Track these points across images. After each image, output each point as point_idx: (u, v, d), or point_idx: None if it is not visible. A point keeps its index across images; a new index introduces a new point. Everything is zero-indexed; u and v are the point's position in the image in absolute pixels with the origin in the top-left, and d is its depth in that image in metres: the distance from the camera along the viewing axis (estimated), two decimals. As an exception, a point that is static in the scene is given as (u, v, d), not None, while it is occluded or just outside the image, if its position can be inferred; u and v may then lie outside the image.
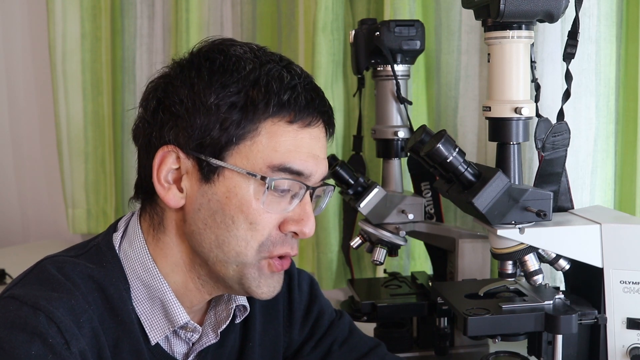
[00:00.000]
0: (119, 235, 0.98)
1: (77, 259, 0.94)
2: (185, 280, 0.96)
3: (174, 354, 0.98)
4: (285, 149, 0.91)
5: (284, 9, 1.94)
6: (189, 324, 0.96)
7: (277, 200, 0.92)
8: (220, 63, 0.91)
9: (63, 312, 0.85)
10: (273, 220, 0.92)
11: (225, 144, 0.90)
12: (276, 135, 0.91)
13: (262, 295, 0.95)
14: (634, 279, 1.09)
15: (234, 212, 0.90)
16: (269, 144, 0.90)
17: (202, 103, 0.90)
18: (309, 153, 0.93)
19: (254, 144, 0.90)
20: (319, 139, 0.95)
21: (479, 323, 1.09)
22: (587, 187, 1.39)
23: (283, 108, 0.90)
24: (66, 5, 2.30)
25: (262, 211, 0.91)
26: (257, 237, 0.92)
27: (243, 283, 0.94)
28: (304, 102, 0.92)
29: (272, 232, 0.92)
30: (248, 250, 0.92)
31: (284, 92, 0.90)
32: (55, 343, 0.82)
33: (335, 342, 1.15)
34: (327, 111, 0.97)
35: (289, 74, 0.92)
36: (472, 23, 1.53)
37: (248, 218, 0.91)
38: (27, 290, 0.87)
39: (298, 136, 0.92)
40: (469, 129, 1.57)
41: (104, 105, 2.35)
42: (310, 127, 0.93)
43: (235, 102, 0.90)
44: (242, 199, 0.90)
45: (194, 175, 0.92)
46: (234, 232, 0.91)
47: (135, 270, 0.94)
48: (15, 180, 2.74)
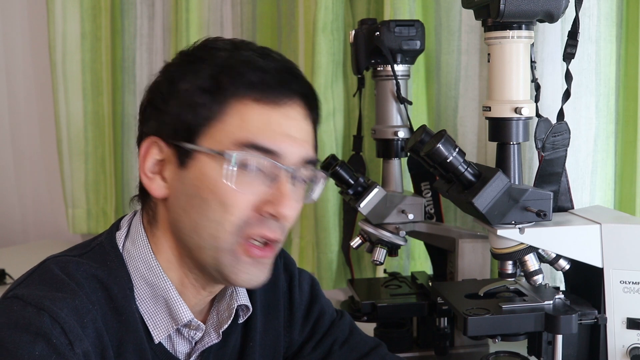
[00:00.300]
0: (122, 234, 0.98)
1: (81, 258, 0.94)
2: (180, 276, 0.96)
3: (177, 353, 0.98)
4: (254, 127, 0.90)
5: (284, 9, 1.94)
6: (192, 322, 0.96)
7: (249, 180, 0.90)
8: (197, 55, 0.94)
9: (67, 312, 0.85)
10: (246, 202, 0.90)
11: (196, 127, 0.91)
12: (245, 115, 0.90)
13: (242, 283, 0.93)
14: (634, 279, 1.09)
15: (206, 194, 0.90)
16: (238, 124, 0.90)
17: (176, 90, 0.92)
18: (281, 132, 0.91)
19: (224, 125, 0.90)
20: (295, 120, 0.93)
21: (479, 323, 1.09)
22: (587, 187, 1.39)
23: (251, 88, 0.90)
24: (66, 5, 2.30)
25: (232, 191, 0.89)
26: (230, 219, 0.90)
27: (220, 270, 0.92)
28: (274, 81, 0.91)
29: (246, 214, 0.90)
30: (222, 233, 0.90)
31: (252, 73, 0.91)
32: (59, 343, 0.82)
33: (336, 342, 1.15)
34: (305, 93, 0.96)
35: (262, 59, 0.93)
36: (472, 23, 1.53)
37: (219, 199, 0.89)
38: (31, 291, 0.87)
39: (267, 115, 0.91)
40: (469, 129, 1.57)
41: (104, 105, 2.35)
42: (283, 107, 0.92)
43: (204, 85, 0.91)
44: (213, 180, 0.90)
45: (174, 163, 0.93)
46: (208, 214, 0.90)
47: (138, 269, 0.95)
48: (15, 180, 2.74)
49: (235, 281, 0.93)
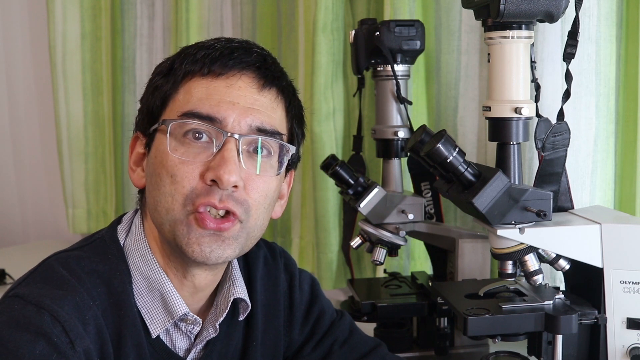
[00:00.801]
0: (123, 228, 0.99)
1: (82, 252, 0.95)
2: (165, 266, 0.97)
3: (175, 348, 0.99)
4: (196, 98, 0.93)
5: (284, 9, 1.94)
6: (188, 316, 0.96)
7: (192, 150, 0.91)
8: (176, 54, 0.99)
9: (68, 310, 0.85)
10: (192, 171, 0.90)
11: (155, 110, 0.96)
12: (190, 89, 0.94)
13: (194, 254, 0.90)
14: (634, 279, 1.09)
15: (159, 169, 0.92)
16: (184, 98, 0.94)
17: (148, 85, 0.99)
18: (222, 99, 0.92)
19: (174, 102, 0.94)
20: (238, 88, 0.93)
21: (479, 323, 1.09)
22: (587, 187, 1.39)
23: (196, 63, 0.94)
24: (66, 5, 2.30)
25: (177, 162, 0.90)
26: (179, 190, 0.90)
27: (177, 243, 0.91)
28: (217, 55, 0.94)
29: (194, 184, 0.90)
30: (174, 205, 0.90)
31: (199, 51, 0.95)
32: (60, 342, 0.82)
33: (336, 342, 1.15)
34: (251, 62, 0.95)
35: (217, 42, 0.96)
36: (472, 23, 1.53)
37: (168, 171, 0.91)
38: (32, 289, 0.87)
39: (211, 85, 0.93)
40: (469, 129, 1.57)
41: (104, 105, 2.35)
42: (228, 78, 0.94)
43: (162, 70, 0.97)
44: (161, 154, 0.93)
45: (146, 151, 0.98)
46: (162, 189, 0.92)
47: (135, 263, 0.96)
48: (15, 180, 2.74)
49: (189, 253, 0.91)
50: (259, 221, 0.95)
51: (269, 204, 0.96)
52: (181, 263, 0.96)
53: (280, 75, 0.99)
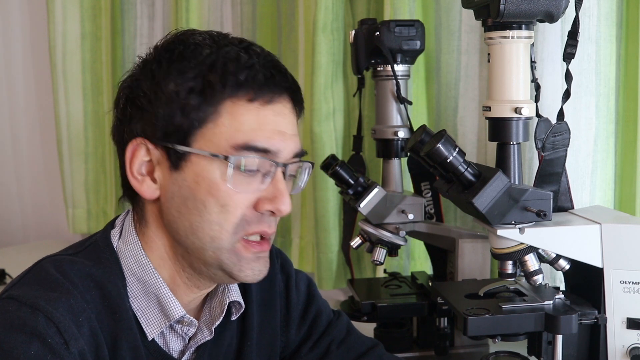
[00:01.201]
0: (116, 232, 0.99)
1: (76, 257, 0.95)
2: (172, 274, 0.97)
3: (170, 350, 0.99)
4: (248, 127, 0.90)
5: (284, 9, 1.94)
6: (184, 318, 0.96)
7: (247, 180, 0.91)
8: (179, 52, 0.93)
9: (62, 311, 0.85)
10: (245, 201, 0.91)
11: (188, 130, 0.90)
12: (238, 115, 0.90)
13: (247, 278, 0.95)
14: (634, 279, 1.09)
15: (204, 196, 0.90)
16: (231, 124, 0.90)
17: (162, 92, 0.91)
18: (274, 130, 0.92)
19: (217, 126, 0.90)
20: (284, 115, 0.94)
21: (479, 323, 1.09)
22: (587, 187, 1.39)
23: (241, 87, 0.90)
24: (66, 5, 2.30)
25: (232, 193, 0.90)
26: (230, 219, 0.91)
27: (224, 269, 0.93)
28: (262, 79, 0.91)
29: (245, 212, 0.91)
30: (222, 234, 0.91)
31: (240, 72, 0.90)
32: (55, 343, 0.82)
33: (333, 342, 1.15)
34: (290, 87, 0.96)
35: (247, 54, 0.92)
36: (472, 23, 1.53)
37: (219, 201, 0.90)
38: (26, 291, 0.87)
39: (260, 114, 0.91)
40: (469, 129, 1.57)
41: (104, 105, 2.35)
42: (273, 104, 0.93)
43: (193, 86, 0.90)
44: (210, 183, 0.90)
45: (165, 165, 0.93)
46: (206, 216, 0.91)
47: (130, 267, 0.95)
48: (15, 180, 2.74)
49: (241, 278, 0.94)
50: None
51: None
52: (200, 277, 0.97)
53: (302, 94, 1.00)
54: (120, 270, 0.95)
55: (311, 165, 1.02)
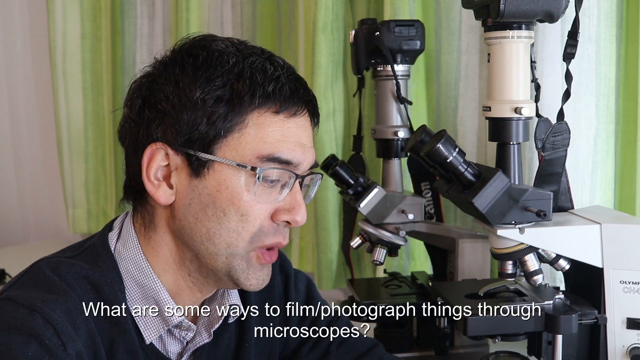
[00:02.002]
0: (114, 235, 0.98)
1: (73, 260, 0.94)
2: (177, 278, 0.96)
3: (168, 353, 0.99)
4: (273, 139, 0.92)
5: (284, 9, 1.94)
6: (183, 323, 0.96)
7: (267, 190, 0.93)
8: (204, 58, 0.92)
9: (60, 313, 0.85)
10: (264, 211, 0.93)
11: (213, 138, 0.91)
12: (263, 126, 0.92)
13: (251, 287, 0.96)
14: (634, 279, 1.09)
15: (225, 204, 0.91)
16: (257, 135, 0.91)
17: (188, 99, 0.90)
18: (297, 142, 0.94)
19: (242, 136, 0.91)
20: (305, 128, 0.96)
21: (479, 323, 1.09)
22: (587, 187, 1.39)
23: (269, 99, 0.91)
24: (66, 5, 2.30)
25: (253, 202, 0.92)
26: (248, 229, 0.92)
27: (232, 275, 0.94)
28: (288, 92, 0.93)
29: (263, 222, 0.93)
30: (239, 242, 0.92)
31: (268, 83, 0.91)
32: (52, 344, 0.82)
33: (333, 342, 1.15)
34: (311, 100, 0.98)
35: (272, 66, 0.93)
36: (472, 23, 1.53)
37: (239, 210, 0.91)
38: (24, 292, 0.87)
39: (285, 126, 0.93)
40: (469, 129, 1.57)
41: (104, 105, 2.35)
42: (296, 117, 0.94)
43: (221, 95, 0.90)
44: (233, 191, 0.91)
45: (184, 171, 0.92)
46: (225, 224, 0.91)
47: (129, 270, 0.95)
48: (15, 180, 2.74)
49: (245, 285, 0.96)
50: None
51: None
52: (205, 283, 0.98)
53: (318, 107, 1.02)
54: (117, 273, 0.94)
55: (321, 176, 1.03)
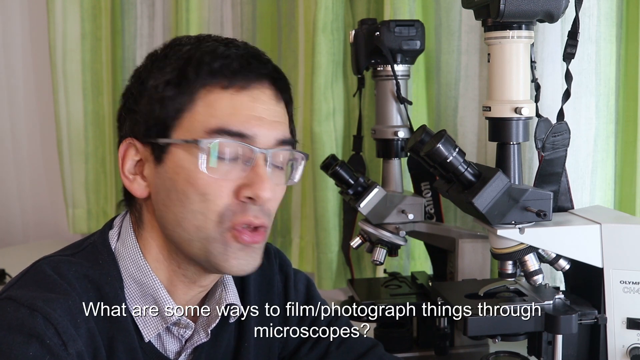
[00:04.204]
0: (114, 233, 0.99)
1: (73, 258, 0.95)
2: (169, 274, 0.97)
3: (167, 352, 0.99)
4: (222, 113, 0.91)
5: (284, 9, 1.94)
6: (181, 320, 0.96)
7: (226, 167, 0.91)
8: (163, 52, 0.96)
9: (60, 313, 0.85)
10: (225, 189, 0.90)
11: (167, 121, 0.92)
12: (213, 102, 0.91)
13: (233, 269, 0.93)
14: (634, 279, 1.09)
15: (184, 186, 0.91)
16: (206, 111, 0.91)
17: (144, 89, 0.94)
18: (249, 115, 0.91)
19: (193, 115, 0.91)
20: (262, 101, 0.93)
21: (479, 323, 1.09)
22: (587, 187, 1.39)
23: (216, 75, 0.91)
24: (66, 5, 2.30)
25: (210, 180, 0.90)
26: (212, 208, 0.90)
27: (210, 260, 0.92)
28: (237, 66, 0.92)
29: (228, 201, 0.90)
30: (207, 224, 0.90)
31: (215, 61, 0.92)
32: (53, 344, 0.82)
33: (333, 342, 1.15)
34: (269, 73, 0.95)
35: (226, 47, 0.93)
36: (472, 23, 1.53)
37: (198, 190, 0.90)
38: (24, 292, 0.87)
39: (236, 99, 0.91)
40: (469, 129, 1.57)
41: (104, 105, 2.35)
42: (249, 90, 0.92)
43: (170, 79, 0.92)
44: (189, 171, 0.90)
45: (150, 160, 0.94)
46: (189, 206, 0.90)
47: (127, 268, 0.95)
48: (15, 180, 2.74)
49: (226, 268, 0.93)
50: None
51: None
52: (196, 271, 0.97)
53: (287, 81, 0.99)
54: (117, 271, 0.95)
55: (305, 156, 1.00)
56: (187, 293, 0.98)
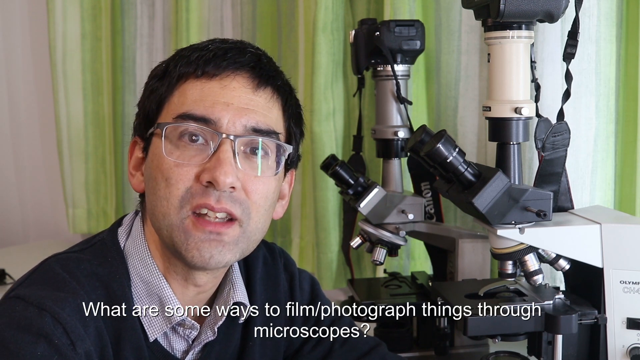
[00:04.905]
0: (124, 231, 1.00)
1: (82, 254, 0.95)
2: (164, 272, 0.96)
3: (174, 350, 0.99)
4: (191, 100, 0.92)
5: (284, 9, 1.94)
6: (186, 321, 0.96)
7: (190, 152, 0.90)
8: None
9: (69, 312, 0.85)
10: (188, 173, 0.89)
11: (151, 114, 0.95)
12: (185, 91, 0.93)
13: (194, 260, 0.90)
14: (634, 279, 1.09)
15: (155, 172, 0.92)
16: (179, 100, 0.93)
17: (145, 88, 0.99)
18: (216, 100, 0.91)
19: (170, 105, 0.94)
20: (233, 89, 0.93)
21: (479, 323, 1.09)
22: (587, 187, 1.39)
23: (190, 65, 0.94)
24: (66, 5, 2.30)
25: (173, 165, 0.90)
26: (174, 192, 0.89)
27: (176, 250, 0.91)
28: (210, 55, 0.93)
29: (190, 185, 0.89)
30: (170, 209, 0.90)
31: (193, 54, 0.94)
32: (61, 344, 0.83)
33: (336, 341, 1.15)
34: (247, 62, 0.94)
35: (211, 42, 0.96)
36: (472, 23, 1.53)
37: (164, 175, 0.90)
38: (33, 291, 0.87)
39: (205, 86, 0.93)
40: (469, 129, 1.57)
41: (104, 105, 2.35)
42: (221, 78, 0.93)
43: (157, 73, 0.97)
44: (158, 157, 0.92)
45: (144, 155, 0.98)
46: (158, 193, 0.91)
47: (135, 267, 0.96)
48: (15, 180, 2.74)
49: (189, 259, 0.90)
50: (259, 224, 0.95)
51: (269, 206, 0.96)
52: (182, 267, 0.96)
53: (276, 74, 0.98)
54: (126, 269, 0.95)
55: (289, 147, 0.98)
56: (184, 293, 0.98)
